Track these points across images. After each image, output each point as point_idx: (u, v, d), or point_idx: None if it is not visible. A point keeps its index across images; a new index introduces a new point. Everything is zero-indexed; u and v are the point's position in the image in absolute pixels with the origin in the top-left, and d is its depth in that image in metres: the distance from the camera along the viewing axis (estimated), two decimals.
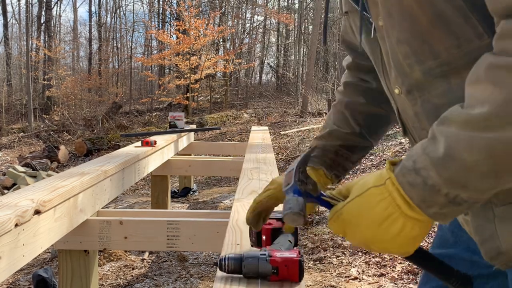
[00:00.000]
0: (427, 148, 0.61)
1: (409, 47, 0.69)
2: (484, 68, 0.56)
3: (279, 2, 22.97)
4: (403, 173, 0.63)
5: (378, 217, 0.65)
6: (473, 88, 0.58)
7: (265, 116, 12.85)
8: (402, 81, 0.74)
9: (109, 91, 19.18)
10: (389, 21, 0.70)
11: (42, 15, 21.54)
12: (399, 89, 0.76)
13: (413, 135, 0.80)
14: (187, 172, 4.68)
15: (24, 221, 1.43)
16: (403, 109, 0.79)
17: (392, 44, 0.72)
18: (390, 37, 0.72)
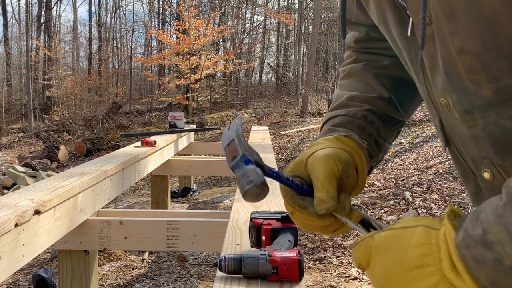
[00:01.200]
0: (505, 217, 0.44)
1: (478, 60, 0.53)
2: None
3: (279, 2, 22.99)
4: (467, 244, 0.47)
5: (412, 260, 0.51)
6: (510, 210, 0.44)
7: (265, 116, 12.86)
8: (457, 98, 0.59)
9: (109, 91, 19.19)
10: (449, 24, 0.55)
11: (42, 15, 21.55)
12: (447, 103, 0.61)
13: (460, 153, 0.65)
14: (187, 172, 4.68)
15: (24, 221, 1.43)
16: (450, 125, 0.64)
17: (450, 53, 0.56)
18: (446, 43, 0.56)
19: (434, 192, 4.04)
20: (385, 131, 0.80)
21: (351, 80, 0.84)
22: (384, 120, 0.79)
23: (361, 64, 0.84)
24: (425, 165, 4.97)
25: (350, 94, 0.81)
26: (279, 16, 18.71)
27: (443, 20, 0.55)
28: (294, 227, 1.10)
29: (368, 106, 0.79)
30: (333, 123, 0.78)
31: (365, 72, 0.82)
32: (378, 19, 0.70)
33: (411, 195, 4.05)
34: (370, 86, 0.81)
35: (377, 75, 0.81)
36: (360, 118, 0.77)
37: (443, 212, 3.57)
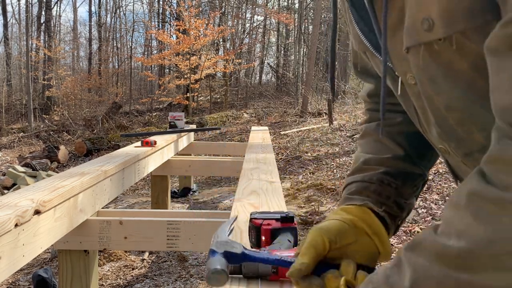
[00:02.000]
0: (391, 277, 0.52)
1: (463, 114, 0.59)
2: (466, 193, 0.48)
3: (279, 2, 23.00)
4: None
5: None
6: (453, 211, 0.49)
7: (265, 116, 12.86)
8: (455, 146, 0.64)
9: (109, 91, 19.20)
10: (432, 87, 0.60)
11: (42, 15, 21.56)
12: (446, 149, 0.66)
13: None
14: (187, 172, 4.68)
15: (24, 221, 1.43)
16: (456, 165, 0.69)
17: (438, 109, 0.62)
18: (433, 101, 0.62)
19: (434, 192, 4.04)
20: (405, 189, 0.81)
21: (366, 141, 0.87)
22: (403, 178, 0.81)
23: (375, 124, 0.86)
24: None
25: (365, 158, 0.83)
26: (279, 16, 18.71)
27: (427, 83, 0.60)
28: (294, 227, 1.10)
29: (383, 168, 0.81)
30: (349, 191, 0.81)
31: (378, 132, 0.84)
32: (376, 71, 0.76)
33: None
34: (384, 146, 0.83)
35: (391, 133, 0.83)
36: (375, 182, 0.79)
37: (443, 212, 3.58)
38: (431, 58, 0.57)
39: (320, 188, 4.93)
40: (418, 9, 0.56)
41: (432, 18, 0.54)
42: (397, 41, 0.62)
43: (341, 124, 8.92)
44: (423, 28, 0.56)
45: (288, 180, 5.73)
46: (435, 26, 0.54)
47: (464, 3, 0.52)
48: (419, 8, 0.56)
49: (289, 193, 5.02)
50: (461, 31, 0.53)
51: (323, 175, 5.68)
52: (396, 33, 0.62)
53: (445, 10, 0.53)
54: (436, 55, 0.57)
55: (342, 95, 13.69)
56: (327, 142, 7.76)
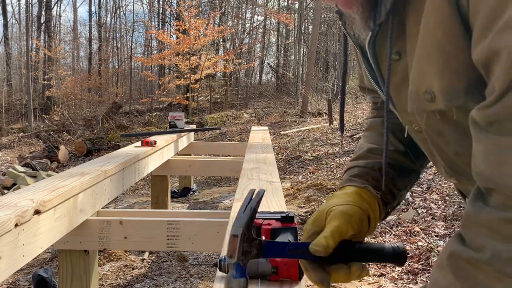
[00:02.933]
0: None
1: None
2: (447, 255, 0.54)
3: (279, 2, 23.00)
4: None
5: None
6: (437, 272, 0.55)
7: (265, 116, 12.86)
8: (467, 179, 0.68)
9: (109, 91, 19.19)
10: (441, 138, 0.65)
11: (42, 15, 21.56)
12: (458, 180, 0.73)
13: None
14: (187, 172, 4.68)
15: (24, 221, 1.43)
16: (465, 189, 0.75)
17: (448, 156, 0.68)
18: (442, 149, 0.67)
19: (434, 192, 4.04)
20: (400, 181, 0.88)
21: (372, 133, 0.94)
22: (400, 171, 0.88)
23: (380, 120, 0.93)
24: None
25: (369, 147, 0.90)
26: (279, 16, 18.71)
27: (434, 135, 0.66)
28: (294, 227, 1.10)
29: None
30: (351, 173, 0.87)
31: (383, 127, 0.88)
32: None
33: (411, 195, 4.05)
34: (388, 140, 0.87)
35: (394, 130, 0.89)
36: (376, 170, 0.86)
37: (443, 212, 3.58)
38: (436, 120, 0.62)
39: (320, 188, 4.93)
40: (421, 81, 0.61)
41: (433, 92, 0.59)
42: (402, 97, 0.67)
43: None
44: (425, 99, 0.60)
45: (288, 180, 5.73)
46: (436, 99, 0.59)
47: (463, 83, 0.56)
48: (421, 80, 0.60)
49: (289, 193, 5.02)
50: (461, 105, 0.57)
51: (323, 175, 5.67)
52: (401, 90, 0.67)
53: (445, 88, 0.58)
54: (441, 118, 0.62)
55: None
56: (327, 142, 7.76)
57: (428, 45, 0.58)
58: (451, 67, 0.56)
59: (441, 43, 0.56)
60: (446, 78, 0.57)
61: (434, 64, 0.58)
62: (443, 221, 3.39)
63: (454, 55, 0.56)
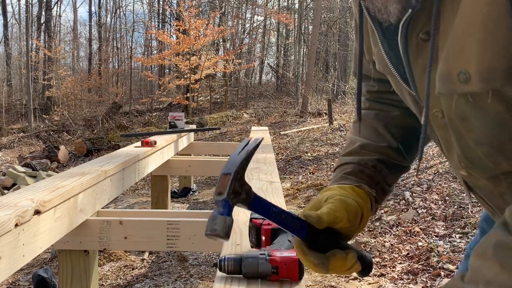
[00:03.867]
0: None
1: (493, 148, 0.63)
2: (493, 244, 0.53)
3: (279, 2, 23.00)
4: None
5: None
6: (480, 261, 0.54)
7: (265, 116, 12.86)
8: (480, 172, 0.68)
9: (109, 91, 19.18)
10: (464, 124, 0.63)
11: (42, 15, 21.55)
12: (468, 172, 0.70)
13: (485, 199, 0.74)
14: (187, 172, 4.68)
15: (24, 221, 1.43)
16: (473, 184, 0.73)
17: (467, 143, 0.65)
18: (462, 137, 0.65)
19: (434, 192, 4.04)
20: (391, 177, 0.87)
21: (364, 126, 0.90)
22: (392, 168, 0.87)
23: (374, 113, 0.90)
24: (425, 165, 4.97)
25: (362, 142, 0.88)
26: (279, 16, 18.71)
27: (458, 121, 0.63)
28: None
29: (378, 155, 0.86)
30: (345, 170, 0.85)
31: (376, 121, 0.89)
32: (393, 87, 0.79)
33: (411, 195, 4.05)
34: (381, 135, 0.88)
35: (388, 125, 0.88)
36: (370, 167, 0.85)
37: (443, 212, 3.57)
38: (466, 104, 0.60)
39: (320, 188, 4.93)
40: (455, 61, 0.58)
41: (469, 72, 0.56)
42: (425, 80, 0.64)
43: (341, 124, 8.92)
44: (459, 80, 0.57)
45: (288, 180, 5.73)
46: (471, 80, 0.56)
47: (504, 63, 0.53)
48: (456, 60, 0.57)
49: (289, 193, 5.02)
50: (498, 88, 0.55)
51: (323, 175, 5.68)
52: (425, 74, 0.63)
53: (483, 69, 0.54)
54: (470, 102, 0.59)
55: (342, 95, 13.69)
56: (327, 142, 7.76)
57: (469, 24, 0.55)
58: (493, 48, 0.54)
59: (485, 21, 0.54)
60: (486, 58, 0.54)
61: (473, 44, 0.55)
62: (443, 221, 3.39)
63: (498, 35, 0.53)
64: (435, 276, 2.64)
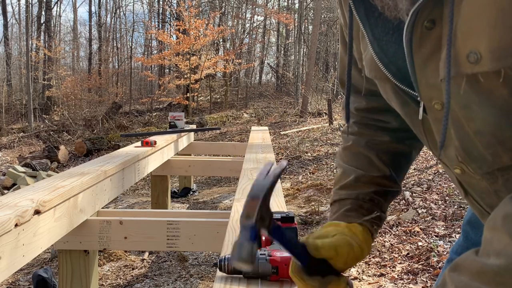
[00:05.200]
0: None
1: (495, 138, 0.62)
2: (502, 216, 0.54)
3: (279, 2, 23.00)
4: None
5: None
6: (491, 233, 0.55)
7: (265, 116, 12.86)
8: (477, 166, 0.67)
9: (109, 91, 19.18)
10: (465, 113, 0.62)
11: (42, 15, 21.54)
12: (462, 169, 0.69)
13: (478, 201, 0.74)
14: (187, 172, 4.68)
15: (24, 221, 1.43)
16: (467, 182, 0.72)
17: (467, 134, 0.64)
18: (462, 127, 0.64)
19: (434, 192, 4.04)
20: (386, 205, 0.90)
21: (355, 154, 0.92)
22: (387, 196, 0.89)
23: (364, 141, 0.91)
24: (425, 165, 4.97)
25: (356, 175, 0.89)
26: (279, 16, 18.71)
27: (458, 110, 0.62)
28: (294, 227, 1.10)
29: (373, 188, 0.88)
30: (345, 207, 0.87)
31: (368, 150, 0.90)
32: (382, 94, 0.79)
33: (411, 195, 4.06)
34: (374, 165, 0.89)
35: (379, 153, 0.89)
36: (368, 202, 0.87)
37: (443, 212, 3.57)
38: (471, 88, 0.58)
39: (320, 188, 4.93)
40: (464, 43, 0.57)
41: (480, 52, 0.55)
42: (427, 70, 0.64)
43: (341, 124, 8.91)
44: (469, 60, 0.56)
45: (288, 180, 5.73)
46: (483, 60, 0.55)
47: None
48: (466, 42, 0.56)
49: (289, 193, 5.02)
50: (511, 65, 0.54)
51: (323, 175, 5.68)
52: (429, 62, 0.63)
53: (496, 47, 0.54)
54: (477, 85, 0.58)
55: (342, 95, 13.68)
56: (327, 142, 7.76)
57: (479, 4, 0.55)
58: (505, 24, 0.53)
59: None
60: (498, 35, 0.53)
61: (484, 23, 0.54)
62: (443, 221, 3.39)
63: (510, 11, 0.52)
64: (435, 276, 2.64)
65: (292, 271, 0.76)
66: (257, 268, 0.98)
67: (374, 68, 0.74)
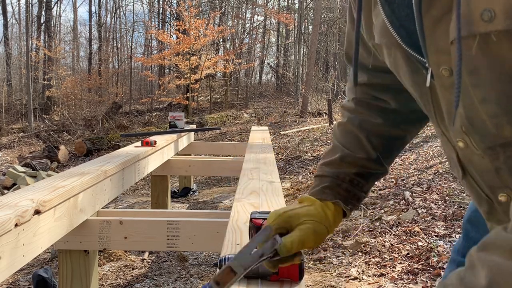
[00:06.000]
0: (465, 278, 0.53)
1: (500, 107, 0.60)
2: None
3: (279, 2, 23.00)
4: None
5: None
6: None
7: (265, 116, 12.86)
8: (480, 139, 0.65)
9: (109, 91, 19.18)
10: (471, 78, 0.60)
11: (42, 15, 21.54)
12: (465, 142, 0.67)
13: (476, 181, 0.71)
14: (187, 172, 4.68)
15: (24, 221, 1.43)
16: (468, 159, 0.70)
17: (472, 102, 0.62)
18: (468, 94, 0.62)
19: (434, 192, 4.04)
20: (368, 186, 0.93)
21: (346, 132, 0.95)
22: (369, 178, 0.93)
23: (358, 120, 0.93)
24: (425, 165, 4.97)
25: (342, 154, 0.93)
26: (279, 16, 18.71)
27: (466, 75, 0.60)
28: None
29: (355, 169, 0.91)
30: (323, 184, 0.91)
31: (359, 130, 0.93)
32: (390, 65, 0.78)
33: (411, 195, 4.05)
34: (362, 146, 0.92)
35: (370, 135, 0.91)
36: (347, 182, 0.91)
37: (443, 212, 3.57)
38: (480, 50, 0.57)
39: None
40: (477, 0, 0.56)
41: (494, 10, 0.54)
42: (436, 34, 0.63)
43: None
44: (483, 19, 0.55)
45: (288, 180, 5.73)
46: (496, 18, 0.54)
47: None
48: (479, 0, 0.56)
49: (289, 193, 5.02)
50: None
51: None
52: (438, 26, 0.62)
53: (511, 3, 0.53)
54: (487, 46, 0.56)
55: (342, 95, 13.69)
56: (327, 142, 7.76)
57: None
58: None
59: None
60: None
61: None
62: (443, 221, 3.39)
63: None
64: (435, 276, 2.64)
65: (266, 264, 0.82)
66: (257, 268, 0.98)
67: (385, 33, 0.73)
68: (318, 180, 0.93)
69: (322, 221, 0.85)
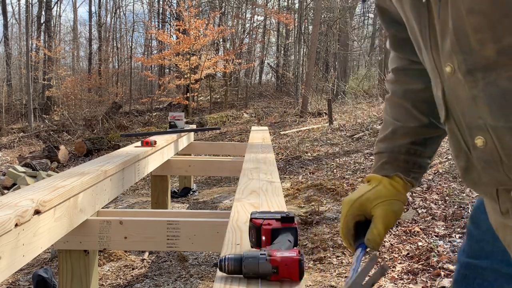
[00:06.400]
0: None
1: (485, 19, 0.59)
2: None
3: (279, 2, 22.98)
4: None
5: None
6: None
7: (265, 116, 12.85)
8: (463, 59, 0.64)
9: (109, 91, 19.17)
10: None
11: (42, 15, 21.53)
12: (452, 67, 0.66)
13: (457, 123, 0.70)
14: (187, 172, 4.68)
15: (24, 221, 1.43)
16: (452, 91, 0.69)
17: (460, 13, 0.62)
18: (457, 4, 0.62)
19: (434, 192, 4.04)
20: (429, 151, 0.94)
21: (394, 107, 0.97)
22: (427, 143, 0.93)
23: (401, 90, 0.95)
24: None
25: (393, 127, 0.95)
26: (279, 16, 18.69)
27: None
28: (294, 227, 1.10)
29: (410, 139, 0.93)
30: (381, 160, 0.94)
31: (405, 100, 0.94)
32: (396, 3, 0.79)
33: (411, 195, 4.05)
34: (411, 115, 0.93)
35: (416, 102, 0.92)
36: (404, 153, 0.92)
37: (443, 212, 3.57)
38: None
39: (320, 188, 4.93)
40: None
41: None
42: None
43: (341, 124, 8.92)
44: None
45: (288, 180, 5.73)
46: None
47: None
48: None
49: (289, 193, 5.02)
50: None
51: (323, 175, 5.67)
52: None
53: None
54: None
55: (342, 95, 13.68)
56: (327, 142, 7.76)
57: None
58: None
59: None
60: None
61: None
62: (443, 221, 3.39)
63: None
64: (435, 276, 2.64)
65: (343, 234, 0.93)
66: (258, 268, 0.98)
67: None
68: (377, 157, 0.96)
69: (394, 197, 0.88)
